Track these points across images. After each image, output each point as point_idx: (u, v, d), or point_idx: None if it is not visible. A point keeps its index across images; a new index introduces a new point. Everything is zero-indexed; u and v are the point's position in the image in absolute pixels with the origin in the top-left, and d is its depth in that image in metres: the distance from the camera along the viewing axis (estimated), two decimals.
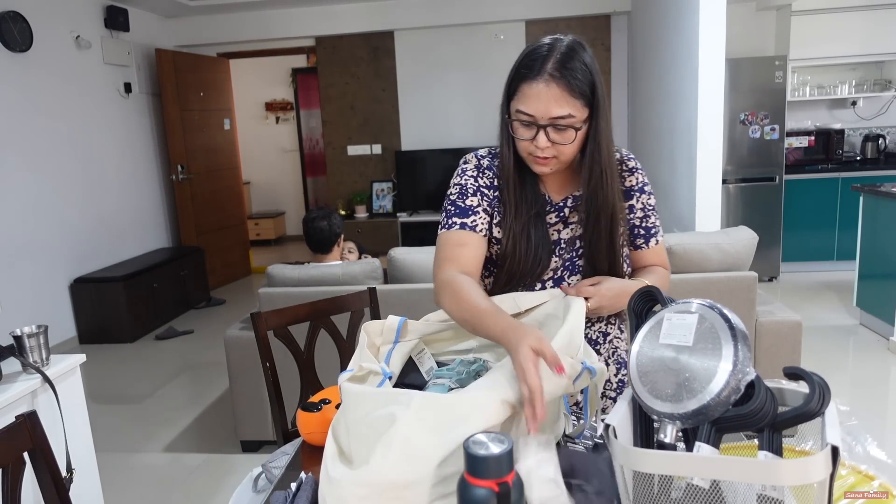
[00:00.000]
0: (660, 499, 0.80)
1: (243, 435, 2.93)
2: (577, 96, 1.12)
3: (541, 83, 1.11)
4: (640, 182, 1.33)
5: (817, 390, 0.76)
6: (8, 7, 4.21)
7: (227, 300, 5.73)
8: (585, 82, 1.13)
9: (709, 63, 3.80)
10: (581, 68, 1.12)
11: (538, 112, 1.13)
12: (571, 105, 1.12)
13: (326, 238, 2.98)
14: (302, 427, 1.29)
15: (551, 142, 1.15)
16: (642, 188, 1.33)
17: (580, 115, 1.14)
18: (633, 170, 1.33)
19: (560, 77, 1.11)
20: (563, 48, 1.13)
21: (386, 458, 0.83)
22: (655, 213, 1.36)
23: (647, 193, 1.34)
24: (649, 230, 1.35)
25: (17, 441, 1.14)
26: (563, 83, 1.11)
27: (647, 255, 1.36)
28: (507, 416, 0.91)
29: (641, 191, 1.33)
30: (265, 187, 8.80)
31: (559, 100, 1.11)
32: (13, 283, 4.22)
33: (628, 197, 1.32)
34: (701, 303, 0.86)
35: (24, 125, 4.37)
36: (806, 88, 5.52)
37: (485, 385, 0.94)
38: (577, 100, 1.13)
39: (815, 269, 5.41)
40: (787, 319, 2.60)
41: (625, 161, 1.33)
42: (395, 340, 1.20)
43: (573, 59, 1.12)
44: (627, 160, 1.34)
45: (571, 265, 1.30)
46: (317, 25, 6.21)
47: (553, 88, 1.11)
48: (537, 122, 1.14)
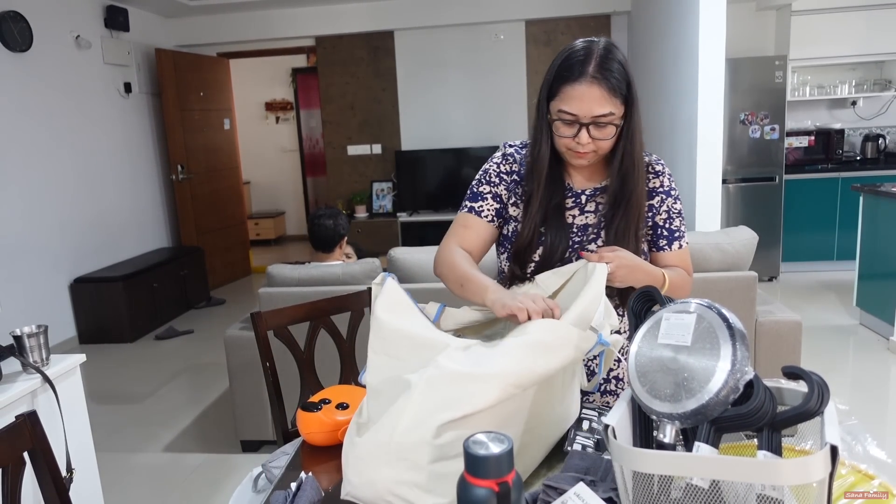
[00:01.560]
0: (659, 499, 0.80)
1: (243, 435, 2.93)
2: (616, 95, 1.20)
3: (583, 85, 1.19)
4: (665, 186, 1.38)
5: (816, 389, 0.76)
6: (8, 7, 4.21)
7: (227, 300, 5.73)
8: (623, 81, 1.21)
9: (709, 63, 3.80)
10: (618, 68, 1.20)
11: (581, 111, 1.21)
12: (612, 104, 1.20)
13: (330, 237, 2.97)
14: (302, 427, 1.29)
15: (592, 138, 1.23)
16: (668, 192, 1.38)
17: (619, 112, 1.22)
18: (658, 173, 1.38)
19: (602, 78, 1.19)
20: (601, 50, 1.21)
21: (395, 423, 0.96)
22: (681, 218, 1.40)
23: (673, 198, 1.39)
24: (672, 233, 1.39)
25: (17, 441, 1.14)
26: (604, 84, 1.19)
27: (669, 257, 1.40)
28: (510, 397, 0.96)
29: (667, 194, 1.38)
30: (265, 187, 8.80)
31: (601, 100, 1.19)
32: (13, 283, 4.22)
33: (650, 197, 1.37)
34: (699, 303, 0.87)
35: (24, 125, 4.38)
36: (806, 88, 5.52)
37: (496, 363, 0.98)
38: (617, 98, 1.20)
39: (815, 269, 5.41)
40: (787, 319, 2.60)
41: (653, 164, 1.38)
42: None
43: (611, 59, 1.20)
44: (656, 164, 1.39)
45: (581, 248, 1.36)
46: (317, 25, 6.21)
47: (595, 89, 1.19)
48: (580, 120, 1.22)
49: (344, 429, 1.17)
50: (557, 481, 0.97)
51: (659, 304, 0.95)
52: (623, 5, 5.83)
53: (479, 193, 1.41)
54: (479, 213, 1.40)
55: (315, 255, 3.04)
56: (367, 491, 0.98)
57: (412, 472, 0.96)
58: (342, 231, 3.01)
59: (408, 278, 2.74)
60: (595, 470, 1.00)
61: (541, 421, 1.06)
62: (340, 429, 1.24)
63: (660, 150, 4.84)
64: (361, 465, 0.99)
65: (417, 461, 0.96)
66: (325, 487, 1.11)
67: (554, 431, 1.12)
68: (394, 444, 0.97)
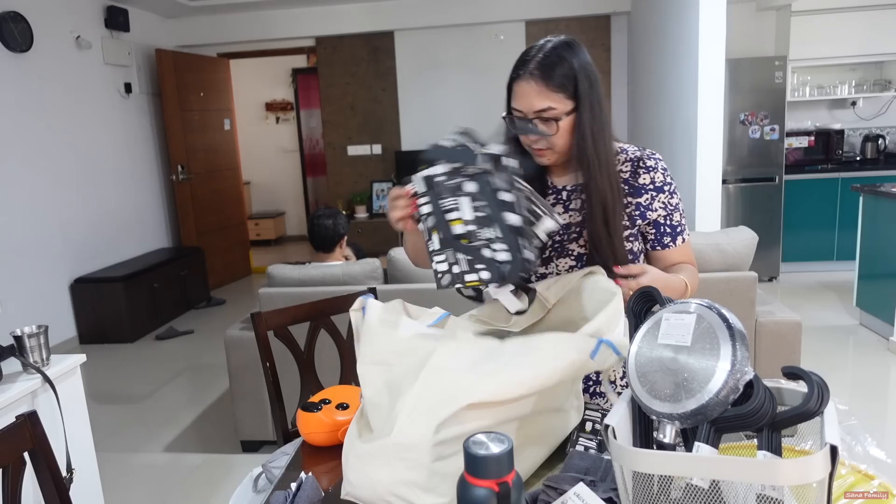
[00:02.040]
0: (659, 499, 0.80)
1: (243, 435, 2.93)
2: (555, 90, 1.22)
3: (523, 81, 1.23)
4: (657, 182, 1.35)
5: (816, 390, 0.76)
6: (8, 7, 4.21)
7: (227, 300, 5.73)
8: (565, 77, 1.22)
9: (709, 63, 3.80)
10: (561, 65, 1.22)
11: (525, 107, 1.24)
12: (551, 99, 1.22)
13: (329, 237, 2.98)
14: (302, 427, 1.29)
15: (540, 135, 1.26)
16: (661, 187, 1.35)
17: (562, 107, 1.23)
18: (650, 168, 1.35)
19: (539, 75, 1.22)
20: (548, 48, 1.24)
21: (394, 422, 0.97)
22: (680, 211, 1.39)
23: (668, 193, 1.36)
24: (675, 228, 1.38)
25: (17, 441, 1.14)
26: (540, 80, 1.22)
27: (675, 253, 1.39)
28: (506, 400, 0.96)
29: (660, 190, 1.35)
30: (265, 187, 8.80)
31: (538, 94, 1.22)
32: (13, 283, 4.22)
33: (639, 194, 1.34)
34: (699, 303, 0.87)
35: (25, 125, 4.38)
36: (806, 88, 5.52)
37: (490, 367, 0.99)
38: (557, 93, 1.22)
39: (815, 269, 5.41)
40: (786, 319, 2.60)
41: (644, 159, 1.36)
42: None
43: (553, 56, 1.22)
44: (648, 158, 1.36)
45: (561, 248, 1.36)
46: (317, 25, 6.21)
47: (532, 85, 1.22)
48: (526, 116, 1.25)
49: (344, 429, 1.18)
50: (557, 481, 0.97)
51: (659, 305, 0.95)
52: (623, 5, 5.83)
53: None
54: None
55: (315, 255, 3.05)
56: (367, 491, 0.99)
57: (412, 472, 0.96)
58: (342, 231, 3.01)
59: (407, 279, 2.74)
60: (595, 470, 1.00)
61: (542, 420, 1.06)
62: (340, 429, 1.24)
63: (660, 150, 4.82)
64: (361, 464, 1.00)
65: (417, 461, 0.96)
66: (325, 487, 1.11)
67: (556, 432, 1.12)
68: (393, 444, 0.97)
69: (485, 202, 1.10)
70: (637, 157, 1.35)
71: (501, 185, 1.09)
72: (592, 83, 1.25)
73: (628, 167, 1.35)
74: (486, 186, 1.10)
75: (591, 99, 1.24)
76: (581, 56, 1.24)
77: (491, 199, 1.09)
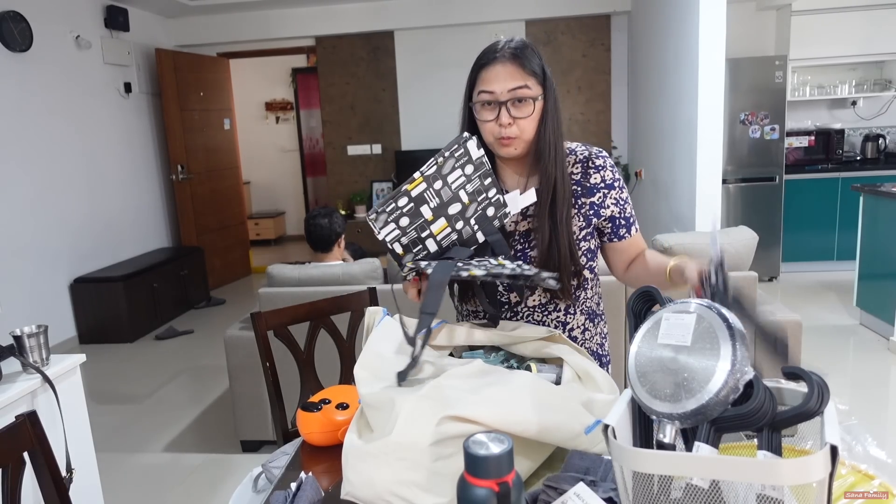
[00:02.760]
0: (659, 499, 0.80)
1: (243, 435, 2.93)
2: (529, 73, 1.26)
3: (497, 64, 1.27)
4: (608, 179, 1.38)
5: (816, 389, 0.76)
6: (8, 7, 4.21)
7: (227, 300, 5.73)
8: (536, 64, 1.28)
9: (709, 63, 3.80)
10: (531, 54, 1.28)
11: (498, 88, 1.26)
12: (525, 78, 1.26)
13: (326, 236, 2.97)
14: (302, 427, 1.29)
15: (513, 118, 1.27)
16: (611, 184, 1.38)
17: (536, 90, 1.27)
18: (599, 167, 1.38)
19: (513, 56, 1.26)
20: (516, 41, 1.29)
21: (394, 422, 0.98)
22: (629, 204, 1.43)
23: (619, 188, 1.40)
24: (628, 220, 1.42)
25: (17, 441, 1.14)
26: (516, 61, 1.26)
27: (630, 243, 1.44)
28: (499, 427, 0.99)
29: (611, 187, 1.38)
30: (265, 187, 8.80)
31: (514, 74, 1.26)
32: (13, 282, 4.22)
33: (592, 193, 1.37)
34: (699, 303, 0.87)
35: (24, 125, 4.38)
36: (806, 88, 5.52)
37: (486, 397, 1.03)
38: (531, 76, 1.27)
39: (815, 269, 5.41)
40: (787, 319, 2.60)
41: (592, 158, 1.38)
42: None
43: (524, 46, 1.28)
44: (596, 157, 1.38)
45: (523, 256, 1.39)
46: (317, 25, 6.21)
47: (508, 66, 1.26)
48: (498, 98, 1.26)
49: (344, 429, 1.18)
50: (557, 481, 0.97)
51: (659, 304, 0.95)
52: (623, 5, 5.83)
53: None
54: None
55: (315, 255, 3.04)
56: (367, 491, 0.99)
57: (412, 472, 0.97)
58: (339, 229, 3.01)
59: None
60: (595, 470, 1.00)
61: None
62: (340, 429, 1.24)
63: (660, 150, 4.84)
64: (361, 464, 1.00)
65: (417, 460, 0.96)
66: (325, 487, 1.11)
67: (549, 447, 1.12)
68: (393, 444, 0.97)
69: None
70: (586, 158, 1.38)
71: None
72: (552, 81, 1.30)
73: (578, 168, 1.38)
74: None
75: (553, 94, 1.30)
76: (540, 54, 1.31)
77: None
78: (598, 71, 6.15)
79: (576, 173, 1.37)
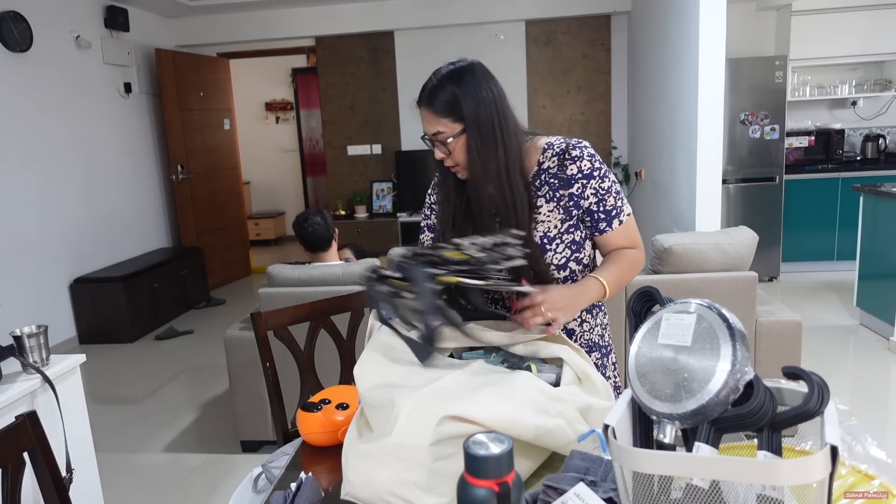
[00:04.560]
0: (659, 499, 0.80)
1: (243, 435, 2.93)
2: (441, 115, 1.32)
3: (421, 108, 1.35)
4: (585, 169, 1.37)
5: (816, 390, 0.76)
6: (8, 7, 4.21)
7: (227, 300, 5.73)
8: (447, 103, 1.31)
9: (709, 63, 3.80)
10: (443, 92, 1.31)
11: (425, 130, 1.36)
12: (439, 123, 1.32)
13: (323, 234, 2.96)
14: (302, 427, 1.29)
15: (443, 154, 1.36)
16: (590, 174, 1.37)
17: (450, 129, 1.32)
18: (576, 158, 1.38)
19: (427, 102, 1.33)
20: (437, 77, 1.34)
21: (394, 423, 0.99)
22: (614, 194, 1.39)
23: (599, 178, 1.38)
24: (609, 213, 1.39)
25: (17, 441, 1.14)
26: (428, 107, 1.33)
27: (612, 237, 1.41)
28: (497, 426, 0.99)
29: (589, 177, 1.37)
30: (265, 187, 8.80)
31: (428, 120, 1.34)
32: (13, 283, 4.22)
33: (570, 185, 1.38)
34: (699, 303, 0.86)
35: (24, 125, 4.38)
36: (806, 88, 5.52)
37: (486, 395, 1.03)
38: (444, 118, 1.32)
39: (815, 269, 5.41)
40: (787, 319, 2.60)
41: (569, 150, 1.39)
42: None
43: (438, 85, 1.33)
44: (572, 149, 1.39)
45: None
46: (317, 25, 6.21)
47: (424, 112, 1.34)
48: (429, 138, 1.36)
49: (344, 429, 1.18)
50: (557, 481, 0.97)
51: (659, 305, 0.95)
52: (623, 5, 5.83)
53: (421, 227, 1.58)
54: (422, 244, 1.52)
55: (314, 256, 3.04)
56: (367, 491, 0.99)
57: (411, 472, 0.97)
58: (332, 225, 3.01)
59: None
60: (595, 470, 1.00)
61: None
62: (340, 429, 1.24)
63: (660, 149, 4.84)
64: (361, 465, 1.00)
65: (417, 461, 0.96)
66: (325, 487, 1.11)
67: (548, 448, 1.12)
68: (393, 444, 0.97)
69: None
70: (562, 150, 1.39)
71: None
72: (480, 104, 1.31)
73: (555, 161, 1.39)
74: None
75: (478, 120, 1.31)
76: (467, 80, 1.32)
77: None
78: (598, 71, 6.15)
79: (552, 167, 1.39)
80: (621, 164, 6.22)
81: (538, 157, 1.42)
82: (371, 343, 1.23)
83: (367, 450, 1.00)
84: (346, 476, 1.03)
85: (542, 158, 1.41)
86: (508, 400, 1.02)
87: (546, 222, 1.39)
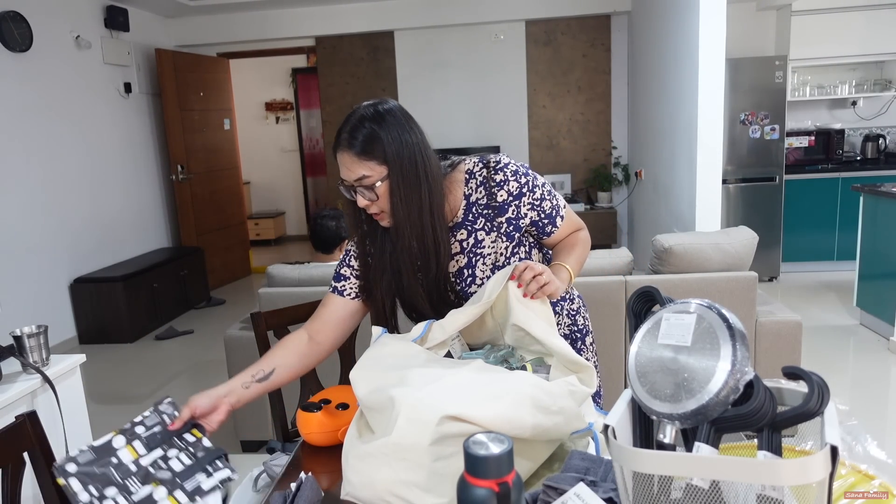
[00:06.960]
0: (659, 499, 0.80)
1: (243, 435, 2.93)
2: (365, 159, 1.24)
3: (339, 152, 1.26)
4: (514, 190, 1.36)
5: (816, 390, 0.76)
6: (8, 7, 4.21)
7: (227, 300, 5.73)
8: (372, 145, 1.23)
9: (709, 63, 3.80)
10: (366, 133, 1.23)
11: (346, 176, 1.27)
12: (363, 167, 1.24)
13: (331, 238, 2.97)
14: (302, 427, 1.29)
15: (368, 200, 1.27)
16: (519, 193, 1.36)
17: (376, 173, 1.25)
18: (501, 183, 1.35)
19: (347, 145, 1.24)
20: (355, 118, 1.25)
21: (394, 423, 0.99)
22: (548, 197, 1.39)
23: (529, 191, 1.36)
24: (550, 215, 1.40)
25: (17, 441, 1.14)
26: (349, 150, 1.24)
27: (559, 233, 1.43)
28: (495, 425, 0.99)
29: (520, 196, 1.36)
30: (265, 187, 8.80)
31: (351, 164, 1.25)
32: (13, 282, 4.22)
33: (504, 210, 1.36)
34: (699, 303, 0.86)
35: (24, 125, 4.38)
36: (806, 88, 5.52)
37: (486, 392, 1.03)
38: (370, 161, 1.24)
39: (815, 269, 5.41)
40: (787, 319, 2.60)
41: (490, 178, 1.36)
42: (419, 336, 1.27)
43: (359, 126, 1.24)
44: (494, 174, 1.36)
45: (463, 293, 1.42)
46: (317, 25, 6.21)
47: (345, 155, 1.25)
48: (350, 184, 1.27)
49: (344, 429, 1.18)
50: (557, 481, 0.97)
51: (659, 305, 0.95)
52: (623, 5, 5.83)
53: (340, 275, 1.42)
54: (341, 292, 1.41)
55: (315, 255, 3.04)
56: (367, 491, 0.99)
57: (411, 472, 0.97)
58: (343, 234, 3.00)
59: None
60: (595, 470, 1.00)
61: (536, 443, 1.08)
62: (340, 429, 1.24)
63: (660, 150, 4.84)
64: (361, 465, 1.00)
65: (417, 461, 0.96)
66: (325, 487, 1.11)
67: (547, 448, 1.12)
68: (393, 444, 0.97)
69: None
70: (485, 178, 1.36)
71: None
72: (403, 146, 1.25)
73: (482, 191, 1.36)
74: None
75: (401, 163, 1.24)
76: (388, 121, 1.25)
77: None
78: (598, 71, 6.15)
79: (480, 198, 1.36)
80: (621, 164, 6.22)
81: (463, 190, 1.38)
82: (368, 352, 1.22)
83: (367, 450, 1.00)
84: (346, 476, 1.03)
85: (467, 190, 1.37)
86: (508, 399, 1.02)
87: (493, 254, 1.38)
